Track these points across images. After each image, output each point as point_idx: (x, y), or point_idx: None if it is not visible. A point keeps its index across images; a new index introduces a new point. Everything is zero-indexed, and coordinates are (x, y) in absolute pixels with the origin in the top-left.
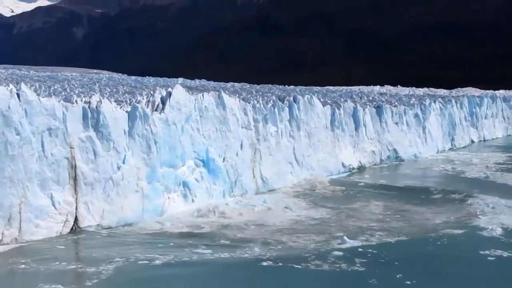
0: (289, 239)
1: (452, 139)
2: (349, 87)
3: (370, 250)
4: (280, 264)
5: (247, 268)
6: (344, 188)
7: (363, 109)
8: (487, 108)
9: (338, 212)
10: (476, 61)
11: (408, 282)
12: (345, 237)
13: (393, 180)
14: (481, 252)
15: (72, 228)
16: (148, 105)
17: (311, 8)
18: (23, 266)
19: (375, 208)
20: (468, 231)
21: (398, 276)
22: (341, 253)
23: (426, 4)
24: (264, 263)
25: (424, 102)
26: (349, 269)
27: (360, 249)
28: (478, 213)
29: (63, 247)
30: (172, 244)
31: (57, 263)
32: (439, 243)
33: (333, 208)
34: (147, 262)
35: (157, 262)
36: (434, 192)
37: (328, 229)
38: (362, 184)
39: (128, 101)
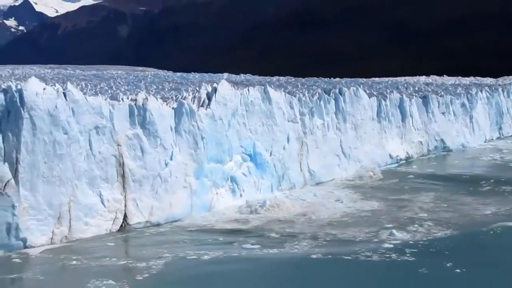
0: (339, 231)
1: (500, 128)
2: (395, 78)
3: (421, 242)
4: (330, 257)
5: (297, 263)
6: (393, 179)
7: (409, 100)
8: None
9: (388, 204)
10: None
11: (458, 271)
12: (393, 231)
13: (442, 170)
14: None
15: (121, 225)
16: (194, 101)
17: (351, 2)
18: (74, 262)
19: (425, 199)
20: None
21: (448, 265)
22: (391, 245)
23: None
24: (314, 256)
25: (470, 91)
26: (399, 259)
27: (410, 241)
28: None
29: (113, 244)
30: (221, 240)
31: (108, 259)
32: (490, 233)
33: (383, 200)
34: (196, 258)
35: (206, 258)
36: (483, 183)
37: (378, 221)
38: (411, 175)
39: (174, 98)
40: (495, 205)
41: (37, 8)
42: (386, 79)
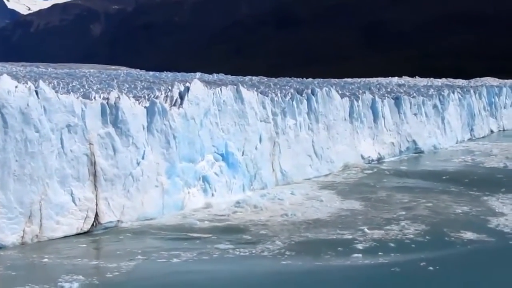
0: (313, 232)
1: (471, 130)
2: (367, 79)
3: (395, 241)
4: (300, 263)
5: (268, 264)
6: (363, 179)
7: (382, 101)
8: (506, 98)
9: (361, 203)
10: (494, 51)
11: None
12: (365, 229)
13: (415, 171)
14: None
15: (92, 224)
16: (166, 100)
17: (327, 1)
18: (44, 260)
19: (402, 198)
20: (489, 223)
21: (421, 264)
22: (366, 244)
23: None
24: (284, 262)
25: (442, 93)
26: (374, 259)
27: (385, 241)
28: (498, 205)
29: (84, 243)
30: (192, 240)
31: (78, 258)
32: (461, 232)
33: (356, 199)
34: (167, 258)
35: (177, 258)
36: (455, 184)
37: (352, 220)
38: (386, 175)
39: (147, 97)
40: (467, 205)
41: (9, 5)
42: (359, 79)
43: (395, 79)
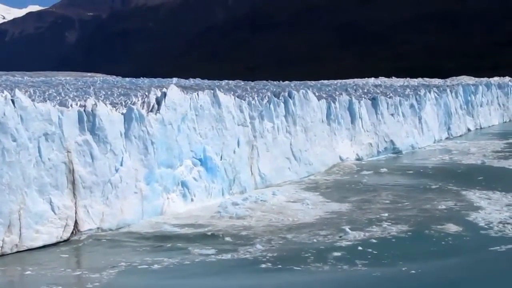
0: (293, 234)
1: (449, 128)
2: (344, 80)
3: (375, 242)
4: (280, 266)
5: (249, 270)
6: (348, 179)
7: (359, 102)
8: (482, 96)
9: (344, 204)
10: (470, 50)
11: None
12: (347, 229)
13: (394, 171)
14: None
15: (72, 232)
16: (143, 106)
17: (302, 3)
18: (24, 272)
19: (384, 199)
20: (469, 222)
21: (403, 269)
22: (348, 244)
23: None
24: (263, 265)
25: (419, 93)
26: (353, 265)
27: (366, 241)
28: (477, 203)
29: (64, 252)
30: (173, 245)
31: (59, 268)
32: (443, 230)
33: (336, 200)
34: (149, 264)
35: (159, 265)
36: (433, 183)
37: (332, 220)
38: (366, 176)
39: (124, 103)
40: (446, 204)
41: None
42: (335, 81)
43: (372, 80)
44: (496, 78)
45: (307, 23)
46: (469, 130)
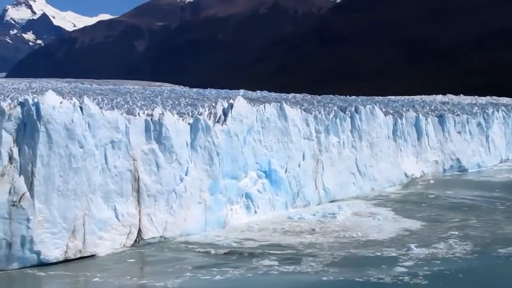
0: (359, 250)
1: None
2: (411, 97)
3: (438, 261)
4: (341, 278)
5: (312, 283)
6: (410, 197)
7: (425, 119)
8: None
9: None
10: None
11: None
12: (412, 246)
13: (462, 189)
14: None
15: (135, 240)
16: (210, 117)
17: (370, 18)
18: (92, 278)
19: (455, 217)
20: None
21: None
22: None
23: (483, 12)
24: (325, 278)
25: (487, 111)
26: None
27: (429, 259)
28: None
29: (128, 259)
30: (236, 257)
31: (124, 276)
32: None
33: (406, 216)
34: (212, 275)
35: (221, 276)
36: (501, 203)
37: (397, 238)
38: (433, 193)
39: (190, 113)
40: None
41: (55, 22)
42: (402, 97)
43: (439, 97)
44: None
45: (375, 38)
46: None
